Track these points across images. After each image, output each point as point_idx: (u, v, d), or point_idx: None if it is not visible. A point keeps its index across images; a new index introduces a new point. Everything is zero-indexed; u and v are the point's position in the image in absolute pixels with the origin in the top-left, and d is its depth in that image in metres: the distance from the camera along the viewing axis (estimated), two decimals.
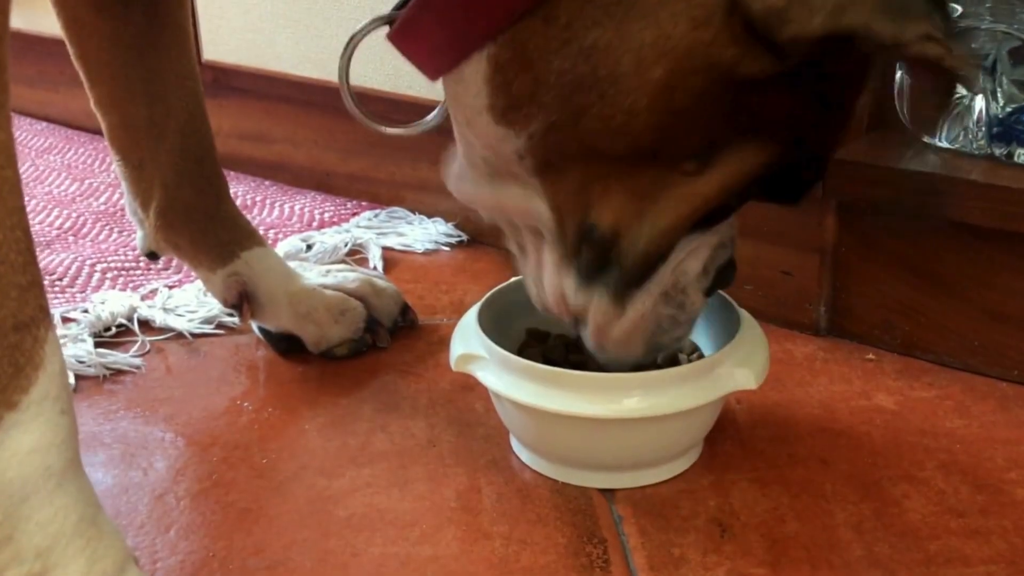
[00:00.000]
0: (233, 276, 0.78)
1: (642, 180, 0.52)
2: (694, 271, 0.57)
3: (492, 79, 0.51)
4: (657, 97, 0.48)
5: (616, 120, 0.49)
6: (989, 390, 0.73)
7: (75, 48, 0.73)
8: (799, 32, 0.45)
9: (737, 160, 0.52)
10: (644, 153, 0.51)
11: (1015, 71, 0.73)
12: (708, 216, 0.54)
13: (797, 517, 0.59)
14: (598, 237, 0.54)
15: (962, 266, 0.74)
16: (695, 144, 0.51)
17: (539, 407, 0.59)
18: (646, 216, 0.53)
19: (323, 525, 0.60)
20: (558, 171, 0.53)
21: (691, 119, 0.49)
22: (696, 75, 0.48)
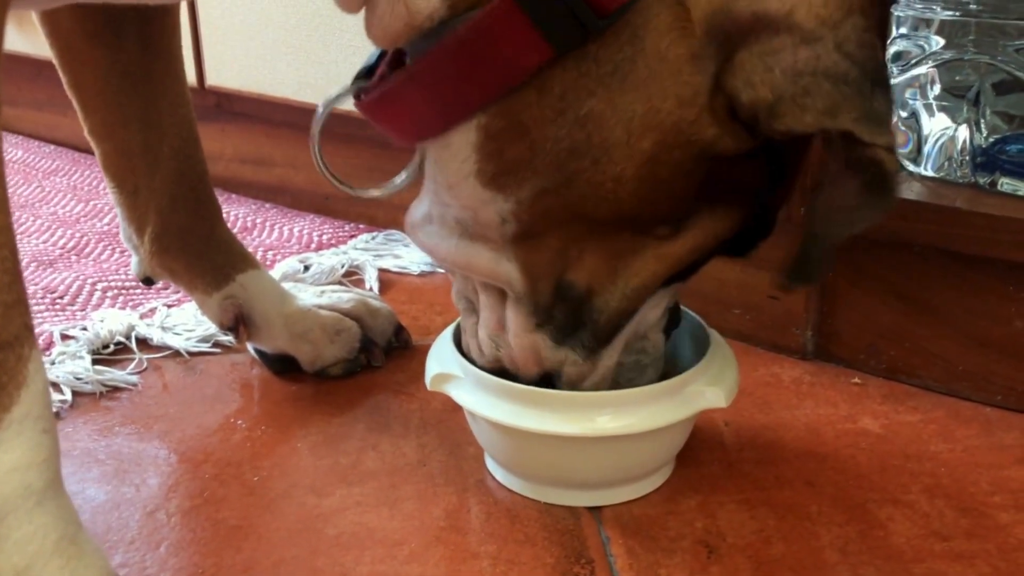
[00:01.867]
0: (229, 299, 0.77)
1: (618, 243, 0.53)
2: (654, 318, 0.59)
3: (482, 147, 0.51)
4: (643, 167, 0.49)
5: (605, 187, 0.50)
6: (973, 415, 0.72)
7: (68, 77, 0.72)
8: (791, 127, 0.46)
9: (706, 225, 0.53)
10: (625, 218, 0.52)
11: (998, 102, 0.72)
12: (680, 273, 0.56)
13: (783, 539, 0.58)
14: (573, 296, 0.55)
15: (947, 292, 0.73)
16: (671, 211, 0.52)
17: (513, 426, 0.58)
18: (620, 277, 0.54)
19: (313, 543, 0.58)
20: (536, 235, 0.53)
21: (670, 188, 0.51)
22: (679, 149, 0.49)
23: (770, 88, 0.46)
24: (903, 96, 0.77)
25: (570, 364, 0.58)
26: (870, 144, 0.46)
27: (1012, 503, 0.61)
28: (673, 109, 0.48)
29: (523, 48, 0.47)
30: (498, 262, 0.55)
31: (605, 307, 0.55)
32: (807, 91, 0.46)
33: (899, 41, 0.77)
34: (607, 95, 0.48)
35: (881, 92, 0.46)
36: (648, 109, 0.48)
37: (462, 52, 0.48)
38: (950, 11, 0.73)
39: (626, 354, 0.59)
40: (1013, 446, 0.68)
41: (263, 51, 1.16)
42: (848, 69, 0.45)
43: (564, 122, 0.49)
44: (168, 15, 0.72)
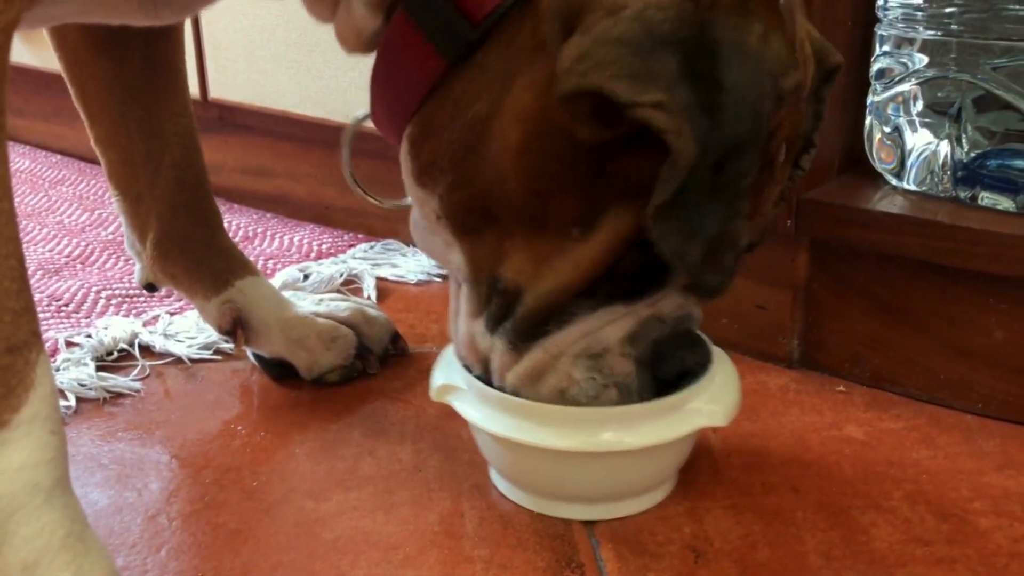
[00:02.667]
0: (227, 304, 0.77)
1: (541, 243, 0.53)
2: (613, 337, 0.56)
3: (410, 148, 0.55)
4: (518, 159, 0.51)
5: (496, 181, 0.52)
6: (954, 422, 0.72)
7: (76, 88, 0.72)
8: (561, 91, 0.46)
9: (616, 225, 0.52)
10: (530, 214, 0.52)
11: (979, 119, 0.72)
12: (619, 286, 0.54)
13: (769, 544, 0.58)
14: (502, 289, 0.56)
15: (929, 303, 0.74)
16: (574, 209, 0.52)
17: (514, 439, 0.57)
18: (541, 276, 0.54)
19: (310, 547, 0.58)
20: (472, 230, 0.55)
21: (553, 181, 0.51)
22: (544, 139, 0.50)
23: (566, 60, 0.46)
24: (887, 112, 0.77)
25: (496, 352, 0.58)
26: (630, 104, 0.45)
27: (992, 509, 0.61)
28: (532, 100, 0.49)
29: (423, 60, 0.52)
30: (450, 251, 0.57)
31: (526, 302, 0.55)
32: (581, 57, 0.45)
33: (883, 59, 0.77)
34: (490, 97, 0.51)
35: (667, 52, 0.45)
36: (514, 103, 0.50)
37: (387, 66, 0.55)
38: (932, 31, 0.73)
39: (576, 368, 0.56)
40: (993, 453, 0.68)
41: (265, 65, 1.16)
42: (634, 32, 0.45)
43: (457, 125, 0.52)
44: (172, 31, 0.72)
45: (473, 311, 0.58)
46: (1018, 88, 0.70)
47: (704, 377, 0.59)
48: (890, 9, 0.76)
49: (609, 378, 0.56)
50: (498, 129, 0.50)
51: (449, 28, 0.50)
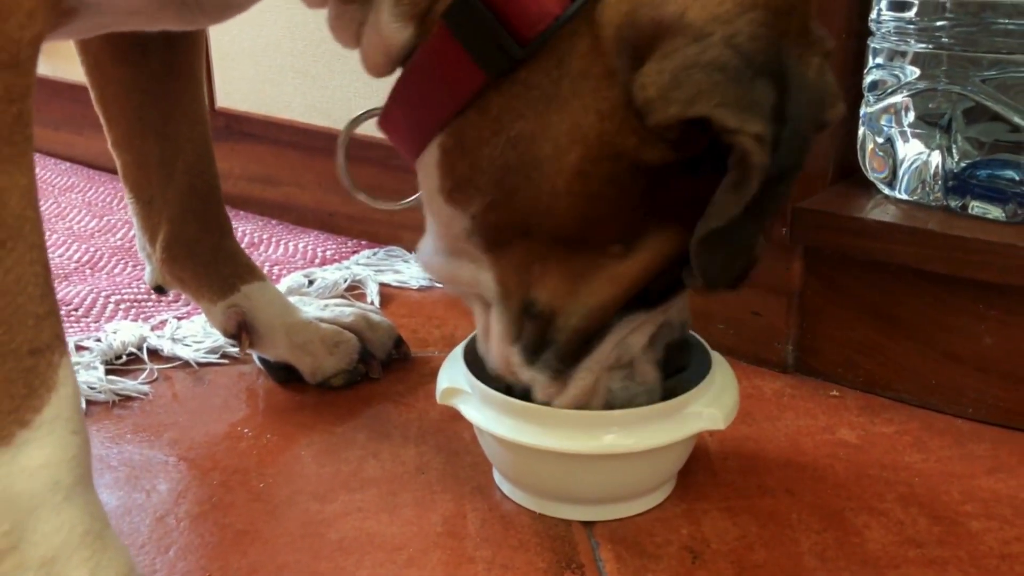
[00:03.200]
0: (232, 307, 0.77)
1: (576, 262, 0.53)
2: (638, 345, 0.57)
3: (441, 164, 0.53)
4: (573, 181, 0.49)
5: (542, 201, 0.50)
6: (946, 426, 0.72)
7: (96, 91, 0.73)
8: (661, 119, 0.46)
9: (658, 244, 0.52)
10: (573, 234, 0.51)
11: (969, 129, 0.73)
12: (644, 296, 0.55)
13: (765, 545, 0.58)
14: (536, 313, 0.55)
15: (920, 310, 0.74)
16: (618, 228, 0.51)
17: (518, 442, 0.58)
18: (579, 295, 0.54)
19: (315, 548, 0.58)
20: (503, 249, 0.54)
21: (608, 203, 0.50)
22: (605, 162, 0.49)
23: (656, 87, 0.45)
24: (879, 123, 0.77)
25: (538, 386, 0.57)
26: (734, 130, 0.44)
27: (983, 511, 0.61)
28: (594, 123, 0.48)
29: (461, 73, 0.49)
30: (478, 273, 0.56)
31: (565, 326, 0.55)
32: (678, 83, 0.44)
33: (875, 71, 0.77)
34: (536, 116, 0.49)
35: (765, 82, 0.44)
36: (572, 125, 0.48)
37: (420, 77, 0.52)
38: (923, 44, 0.73)
39: (613, 379, 0.58)
40: (984, 457, 0.68)
41: (271, 75, 1.16)
42: (729, 59, 0.44)
43: (498, 142, 0.50)
44: (191, 40, 0.73)
45: (506, 334, 0.57)
46: (1007, 100, 0.70)
47: (703, 381, 0.60)
48: (883, 23, 0.76)
49: (640, 385, 0.58)
50: (549, 150, 0.49)
51: (494, 44, 0.48)
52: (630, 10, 0.46)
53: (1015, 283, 0.68)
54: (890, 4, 0.75)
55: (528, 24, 0.47)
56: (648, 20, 0.45)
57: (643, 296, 0.55)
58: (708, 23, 0.44)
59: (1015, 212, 0.71)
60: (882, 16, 0.76)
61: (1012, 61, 0.70)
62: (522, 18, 0.47)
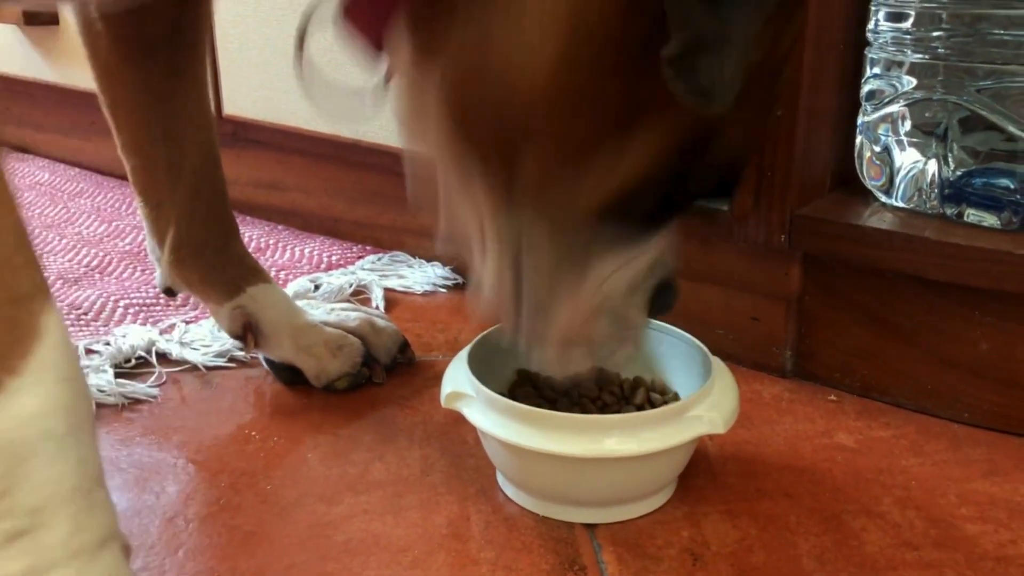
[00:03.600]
0: (238, 309, 0.78)
1: (565, 172, 0.49)
2: (623, 285, 0.55)
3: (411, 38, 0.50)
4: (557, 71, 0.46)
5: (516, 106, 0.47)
6: (942, 430, 0.72)
7: (105, 96, 0.73)
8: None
9: (650, 138, 0.48)
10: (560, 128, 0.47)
11: (965, 138, 0.73)
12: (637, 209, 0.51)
13: (764, 548, 0.58)
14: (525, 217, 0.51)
15: (916, 316, 0.74)
16: (608, 120, 0.47)
17: (521, 445, 0.58)
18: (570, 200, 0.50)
19: (322, 549, 0.58)
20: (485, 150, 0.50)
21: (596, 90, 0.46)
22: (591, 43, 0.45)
23: None
24: (876, 132, 0.78)
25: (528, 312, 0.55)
26: None
27: (978, 515, 0.62)
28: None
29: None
30: (478, 209, 0.53)
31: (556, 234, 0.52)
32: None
33: (873, 80, 0.78)
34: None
35: None
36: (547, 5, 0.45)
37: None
38: (920, 54, 0.74)
39: (600, 322, 0.55)
40: (979, 460, 0.68)
41: (277, 83, 1.17)
42: None
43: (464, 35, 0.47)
44: (195, 46, 0.73)
45: (502, 268, 0.54)
46: (1002, 109, 0.71)
47: (704, 386, 0.60)
48: (880, 33, 0.76)
49: (626, 331, 0.57)
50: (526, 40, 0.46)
51: None
52: None
53: (1010, 290, 0.69)
54: (887, 15, 0.76)
55: None
56: None
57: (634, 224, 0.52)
58: None
59: (1010, 220, 0.72)
60: (879, 27, 0.76)
61: (1007, 71, 0.70)
62: None
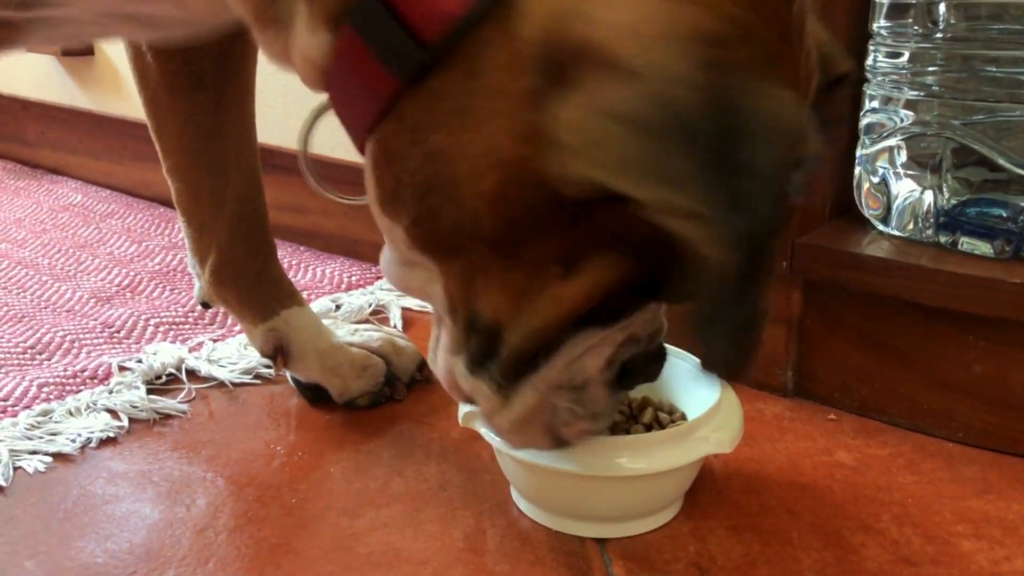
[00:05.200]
0: (272, 331, 0.78)
1: (516, 279, 0.46)
2: (594, 367, 0.51)
3: (371, 172, 0.47)
4: (495, 205, 0.43)
5: (465, 223, 0.44)
6: (937, 449, 0.73)
7: (153, 123, 0.74)
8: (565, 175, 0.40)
9: (599, 269, 0.45)
10: (505, 255, 0.45)
11: (959, 170, 0.73)
12: (597, 314, 0.48)
13: (767, 562, 0.59)
14: (481, 328, 0.49)
15: (912, 339, 0.74)
16: (553, 250, 0.45)
17: (535, 463, 0.58)
18: (522, 314, 0.47)
19: (345, 561, 0.59)
20: (448, 260, 0.48)
21: (534, 228, 0.44)
22: (525, 188, 0.42)
23: (573, 131, 0.38)
24: (874, 164, 0.78)
25: (481, 396, 0.52)
26: (656, 212, 0.37)
27: (973, 532, 0.62)
28: (511, 146, 0.41)
29: (373, 76, 0.44)
30: (428, 282, 0.51)
31: (507, 342, 0.49)
32: (590, 142, 0.37)
33: (871, 114, 0.78)
34: (450, 131, 0.43)
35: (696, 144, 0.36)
36: (488, 147, 0.42)
37: (340, 82, 0.47)
38: (915, 91, 0.74)
39: (560, 399, 0.52)
40: (974, 479, 0.68)
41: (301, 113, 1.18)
42: (653, 117, 0.36)
43: (416, 155, 0.44)
44: (242, 78, 0.74)
45: (453, 345, 0.51)
46: (992, 143, 0.71)
47: (710, 407, 0.60)
48: (878, 70, 0.77)
49: (588, 408, 0.53)
50: (466, 170, 0.43)
51: (398, 48, 0.42)
52: (553, 26, 0.39)
53: (1002, 316, 0.69)
54: (885, 53, 0.76)
55: (430, 25, 0.41)
56: (574, 42, 0.38)
57: (596, 314, 0.48)
58: (638, 58, 0.36)
59: (1003, 248, 0.72)
60: (878, 64, 0.77)
61: (999, 107, 0.71)
62: (422, 18, 0.41)
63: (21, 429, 0.74)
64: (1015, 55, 0.70)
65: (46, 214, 1.40)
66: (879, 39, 0.77)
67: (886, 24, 0.76)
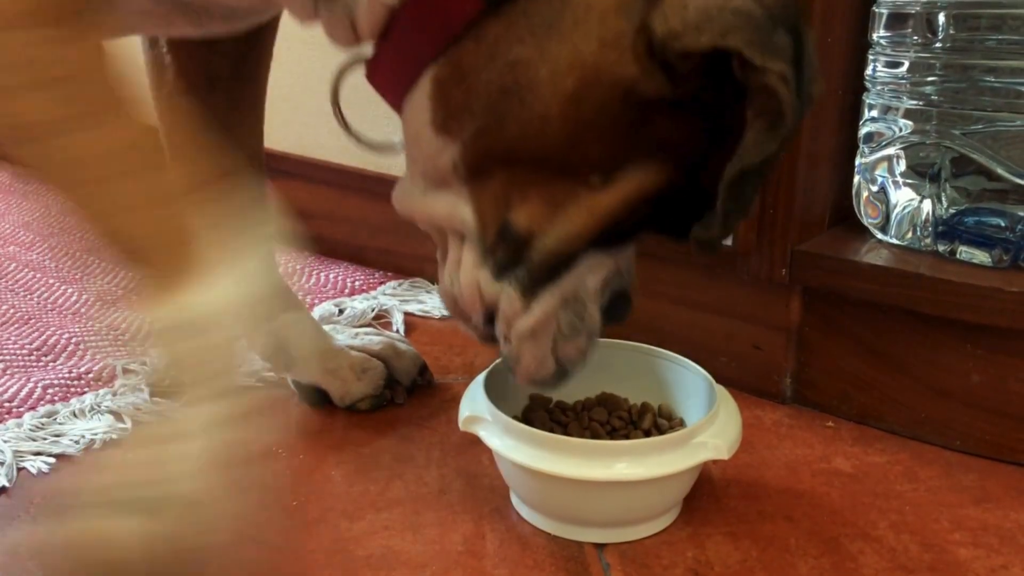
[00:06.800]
0: (273, 334, 0.78)
1: (555, 189, 0.52)
2: (592, 285, 0.57)
3: (434, 95, 0.52)
4: (567, 106, 0.49)
5: (533, 125, 0.50)
6: (935, 457, 0.72)
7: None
8: (689, 45, 0.46)
9: (637, 178, 0.51)
10: (557, 160, 0.51)
11: (957, 179, 0.73)
12: (612, 231, 0.53)
13: (765, 569, 0.58)
14: (512, 236, 0.54)
15: (911, 347, 0.74)
16: (601, 157, 0.51)
17: (535, 468, 0.58)
18: (555, 222, 0.53)
19: (345, 564, 0.59)
20: (485, 178, 0.53)
21: (596, 131, 0.49)
22: (601, 89, 0.48)
23: (680, 20, 0.46)
24: (873, 173, 0.78)
25: (505, 298, 0.56)
26: (761, 68, 0.45)
27: (970, 540, 0.61)
28: (596, 51, 0.48)
29: (457, 4, 0.49)
30: (455, 206, 0.55)
31: (541, 248, 0.53)
32: (710, 18, 0.45)
33: (870, 124, 0.78)
34: (535, 41, 0.48)
35: (784, 32, 0.46)
36: (572, 52, 0.48)
37: (415, 12, 0.51)
38: (914, 100, 0.74)
39: (564, 311, 0.56)
40: (971, 487, 0.68)
41: (306, 119, 1.18)
42: (753, 8, 0.45)
43: (495, 67, 0.49)
44: (256, 82, 0.74)
45: (478, 260, 0.56)
46: (991, 153, 0.71)
47: (708, 414, 0.60)
48: (877, 79, 0.77)
49: (585, 325, 0.57)
50: (546, 75, 0.48)
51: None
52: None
53: (1000, 324, 0.68)
54: (885, 63, 0.76)
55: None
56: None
57: (608, 234, 0.54)
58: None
59: (1000, 257, 0.72)
60: (877, 73, 0.77)
61: (998, 117, 0.70)
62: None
63: (25, 430, 0.73)
64: (1014, 65, 0.69)
65: (53, 218, 1.40)
66: (878, 49, 0.76)
67: (885, 34, 0.75)
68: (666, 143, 0.50)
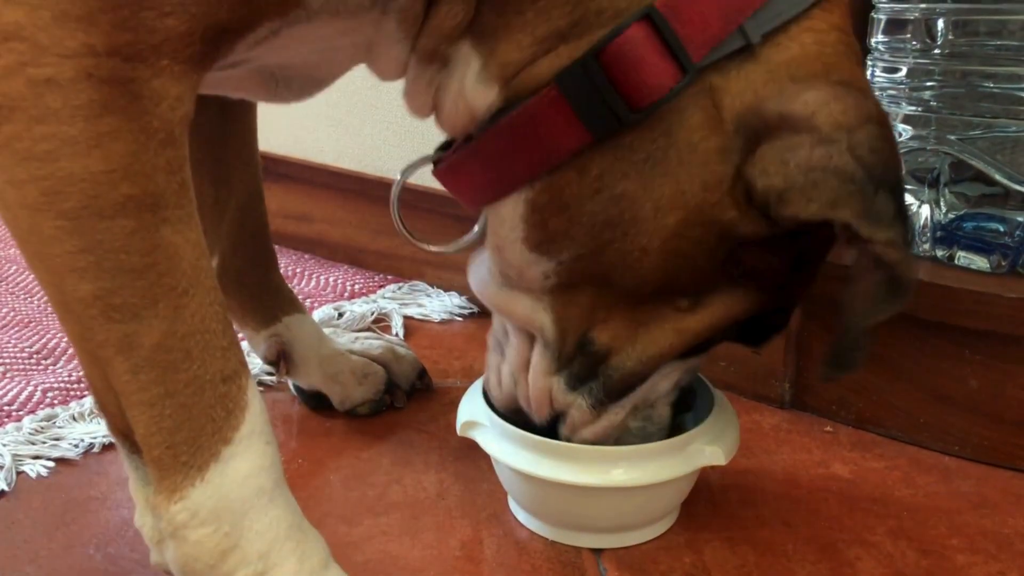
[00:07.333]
0: (274, 337, 0.78)
1: (643, 311, 0.53)
2: (664, 390, 0.58)
3: (528, 217, 0.52)
4: (667, 241, 0.50)
5: (632, 255, 0.51)
6: (933, 463, 0.72)
7: None
8: (796, 214, 0.47)
9: (724, 304, 0.53)
10: (648, 288, 0.52)
11: (956, 185, 0.73)
12: (692, 349, 0.55)
13: (762, 574, 0.58)
14: (592, 350, 0.55)
15: (909, 353, 0.74)
16: (691, 285, 0.52)
17: (533, 474, 0.58)
18: (638, 341, 0.54)
19: (344, 568, 0.58)
20: (572, 293, 0.54)
21: (691, 263, 0.51)
22: (701, 227, 0.50)
23: (783, 178, 0.46)
24: None
25: (576, 408, 0.57)
26: (868, 239, 0.46)
27: (968, 546, 0.61)
28: (698, 192, 0.49)
29: (565, 132, 0.49)
30: (535, 311, 0.56)
31: (620, 367, 0.55)
32: (815, 184, 0.46)
33: None
34: (640, 178, 0.49)
35: (885, 194, 0.46)
36: (675, 191, 0.49)
37: (513, 133, 0.51)
38: (913, 106, 0.74)
39: (633, 418, 0.58)
40: (969, 493, 0.68)
41: (307, 122, 1.18)
42: (855, 170, 0.45)
43: (600, 199, 0.50)
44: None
45: (551, 368, 0.57)
46: (989, 158, 0.71)
47: (707, 420, 0.60)
48: (876, 85, 0.77)
49: (655, 424, 0.59)
50: (650, 211, 0.49)
51: (606, 109, 0.48)
52: (756, 100, 0.47)
53: (998, 330, 0.68)
54: (883, 68, 0.76)
55: (643, 94, 0.47)
56: (775, 112, 0.47)
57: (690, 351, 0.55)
58: (834, 130, 0.45)
59: (999, 263, 0.72)
60: (875, 79, 0.77)
61: (996, 123, 0.70)
62: (638, 88, 0.47)
63: (25, 434, 0.73)
64: (1012, 71, 0.69)
65: None
66: (877, 54, 0.76)
67: (884, 39, 0.75)
68: (756, 271, 0.52)
